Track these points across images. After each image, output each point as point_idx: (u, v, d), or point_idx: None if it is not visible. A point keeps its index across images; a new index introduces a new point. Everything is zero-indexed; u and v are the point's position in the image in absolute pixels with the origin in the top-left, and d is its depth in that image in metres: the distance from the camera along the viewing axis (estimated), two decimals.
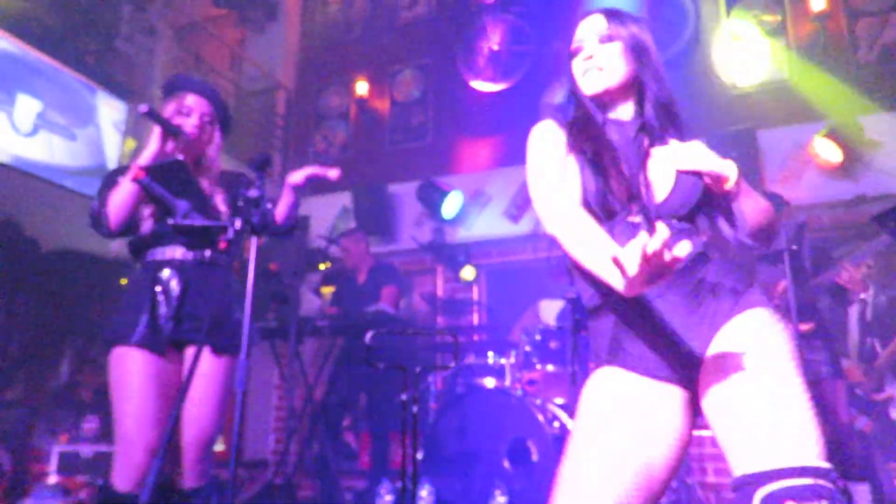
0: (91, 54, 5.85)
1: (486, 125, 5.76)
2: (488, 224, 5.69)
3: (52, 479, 4.24)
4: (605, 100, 1.50)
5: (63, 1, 5.57)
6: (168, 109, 2.24)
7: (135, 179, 2.03)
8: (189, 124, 2.24)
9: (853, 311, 4.58)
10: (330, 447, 4.72)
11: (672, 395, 1.36)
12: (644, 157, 1.43)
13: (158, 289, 2.14)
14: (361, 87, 6.63)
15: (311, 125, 6.96)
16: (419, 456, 3.45)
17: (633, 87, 1.50)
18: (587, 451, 1.32)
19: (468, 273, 5.52)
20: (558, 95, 1.70)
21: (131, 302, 2.14)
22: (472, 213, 5.76)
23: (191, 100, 2.26)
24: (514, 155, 5.79)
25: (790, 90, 5.12)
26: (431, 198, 5.64)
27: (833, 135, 4.65)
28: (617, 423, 1.32)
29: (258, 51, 7.10)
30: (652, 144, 1.45)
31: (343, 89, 6.87)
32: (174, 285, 2.15)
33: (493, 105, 5.90)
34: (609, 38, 1.48)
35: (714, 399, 1.26)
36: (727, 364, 1.26)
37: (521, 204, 5.55)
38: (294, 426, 4.83)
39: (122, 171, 2.21)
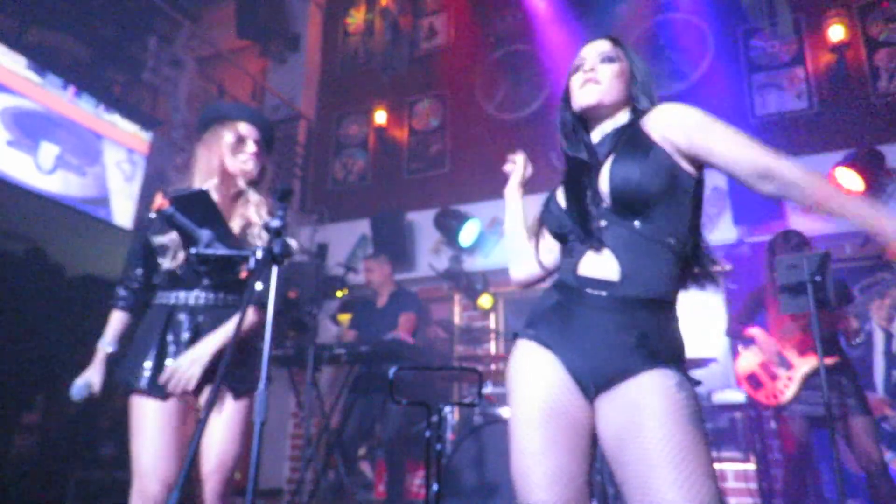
0: (118, 85, 5.99)
1: (503, 154, 5.76)
2: (506, 252, 5.66)
3: None
4: (596, 113, 1.60)
5: (92, 35, 5.71)
6: (225, 139, 2.26)
7: (159, 210, 2.05)
8: (247, 153, 2.26)
9: (878, 344, 4.50)
10: (346, 476, 4.67)
11: (576, 384, 1.43)
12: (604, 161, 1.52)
13: (169, 335, 2.15)
14: (380, 117, 6.69)
15: (330, 154, 7.03)
16: (435, 488, 3.40)
17: (626, 107, 1.60)
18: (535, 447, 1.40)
19: (486, 301, 5.50)
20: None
21: (141, 345, 2.15)
22: (489, 241, 5.76)
23: (244, 128, 2.28)
24: (531, 183, 5.81)
25: (810, 119, 5.10)
26: (449, 226, 5.65)
27: (854, 164, 4.62)
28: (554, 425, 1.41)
29: (279, 81, 7.22)
30: None
31: (362, 118, 6.94)
32: (186, 329, 2.16)
33: (511, 134, 5.94)
34: (610, 59, 1.60)
35: (623, 461, 1.33)
36: (645, 415, 1.32)
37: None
38: (310, 455, 4.79)
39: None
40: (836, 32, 5.06)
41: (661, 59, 5.29)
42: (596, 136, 1.62)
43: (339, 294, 5.19)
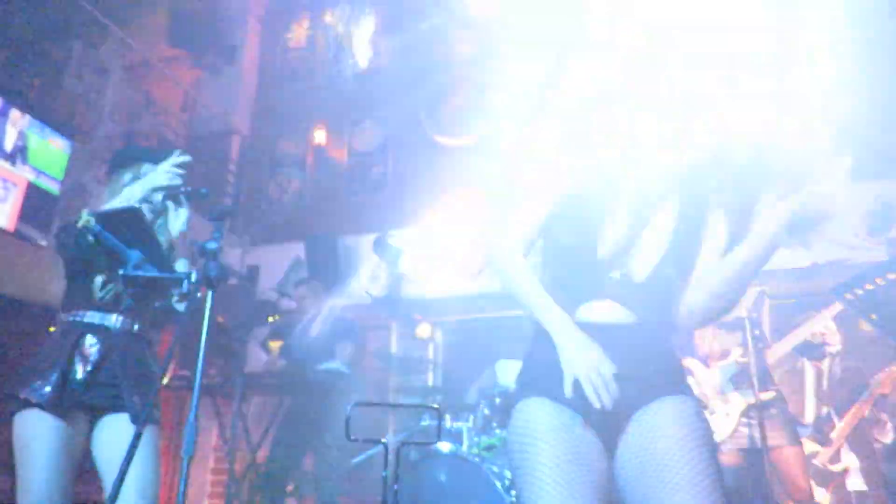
0: (34, 90, 5.59)
1: (446, 179, 5.69)
2: (446, 280, 5.56)
3: None
4: None
5: (6, 34, 5.33)
6: (125, 178, 2.26)
7: (84, 227, 1.95)
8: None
9: (809, 381, 4.60)
10: None
11: (594, 432, 1.42)
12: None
13: (77, 352, 2.07)
14: (319, 135, 6.52)
15: (265, 172, 6.78)
16: None
17: None
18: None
19: (424, 330, 5.36)
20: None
21: (45, 360, 2.06)
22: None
23: (147, 168, 2.26)
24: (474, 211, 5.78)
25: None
26: (388, 251, 5.51)
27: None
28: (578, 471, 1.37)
29: (213, 93, 6.94)
30: None
31: (300, 136, 6.73)
32: (94, 351, 2.08)
33: (454, 160, 5.86)
34: None
35: (641, 483, 1.34)
36: (664, 440, 1.35)
37: (480, 260, 5.45)
38: (234, 491, 4.52)
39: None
40: None
41: None
42: None
43: (270, 320, 4.95)
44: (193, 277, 1.82)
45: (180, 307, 2.15)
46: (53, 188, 4.67)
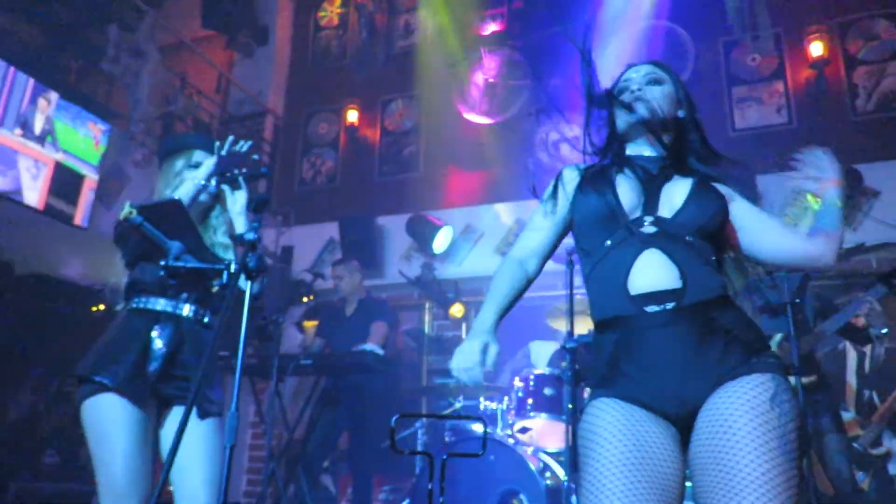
0: (73, 74, 5.68)
1: (478, 159, 5.64)
2: (479, 260, 5.55)
3: None
4: (638, 132, 1.59)
5: (47, 20, 5.40)
6: (177, 166, 2.27)
7: (126, 219, 1.92)
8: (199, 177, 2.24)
9: (851, 364, 4.50)
10: (307, 490, 4.50)
11: (667, 430, 1.36)
12: (662, 182, 1.52)
13: (154, 339, 2.05)
14: (352, 115, 6.51)
15: (298, 152, 6.80)
16: None
17: (670, 127, 1.60)
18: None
19: (457, 310, 5.36)
20: (553, 134, 1.74)
21: (117, 344, 2.04)
22: (462, 248, 5.63)
23: (199, 155, 2.26)
24: (506, 190, 5.73)
25: (789, 135, 5.08)
26: (421, 232, 5.50)
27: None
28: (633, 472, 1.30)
29: (246, 74, 6.96)
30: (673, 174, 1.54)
31: (333, 117, 6.73)
32: (166, 340, 2.06)
33: (487, 139, 5.80)
34: (657, 81, 1.62)
35: (706, 483, 1.27)
36: (729, 435, 1.25)
37: (513, 241, 5.42)
38: (273, 468, 4.60)
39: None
40: (816, 48, 5.06)
41: None
42: (636, 151, 1.63)
43: (304, 300, 4.99)
44: (233, 268, 1.79)
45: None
46: (80, 168, 4.83)
